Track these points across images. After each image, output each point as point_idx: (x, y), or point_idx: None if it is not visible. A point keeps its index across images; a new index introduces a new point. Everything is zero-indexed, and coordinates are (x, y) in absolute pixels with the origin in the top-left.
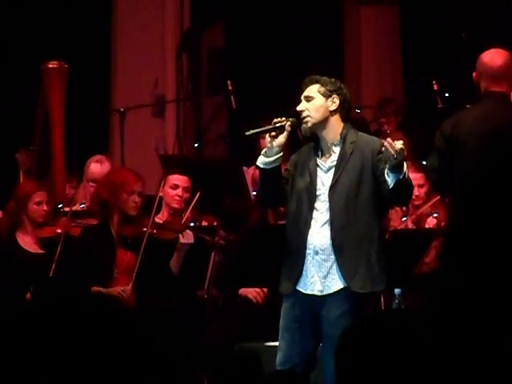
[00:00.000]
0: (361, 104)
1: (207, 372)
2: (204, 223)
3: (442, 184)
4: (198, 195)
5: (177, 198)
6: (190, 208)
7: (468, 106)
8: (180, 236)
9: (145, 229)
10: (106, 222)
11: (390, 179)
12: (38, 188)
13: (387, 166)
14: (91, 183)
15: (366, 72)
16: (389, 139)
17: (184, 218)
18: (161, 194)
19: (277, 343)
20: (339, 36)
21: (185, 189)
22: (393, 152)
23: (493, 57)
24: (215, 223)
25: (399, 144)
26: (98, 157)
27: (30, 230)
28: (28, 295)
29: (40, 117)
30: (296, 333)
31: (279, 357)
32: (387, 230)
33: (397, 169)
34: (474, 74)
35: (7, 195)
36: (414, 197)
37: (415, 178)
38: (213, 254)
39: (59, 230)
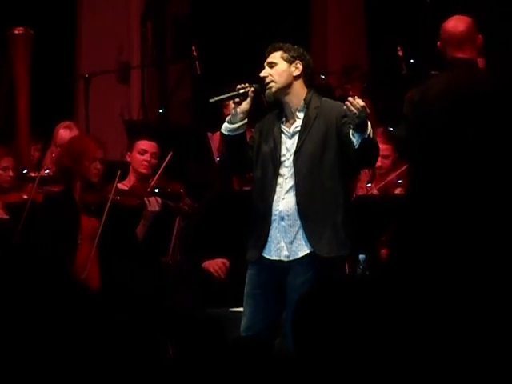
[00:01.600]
0: (326, 70)
1: (171, 338)
2: (168, 189)
3: (410, 152)
4: (168, 157)
5: (144, 163)
6: (159, 174)
7: (433, 72)
8: (147, 203)
9: (108, 195)
10: (69, 188)
11: (355, 139)
12: (5, 153)
13: (351, 125)
14: (59, 148)
15: (331, 38)
16: (350, 98)
17: (150, 185)
18: (128, 159)
19: (241, 309)
20: (305, 2)
21: (153, 154)
22: (355, 110)
23: (455, 23)
24: (181, 190)
25: (360, 101)
26: (67, 123)
27: None
28: None
29: (5, 82)
30: (260, 299)
31: (243, 323)
32: (353, 194)
33: (361, 127)
34: (438, 42)
35: None
36: (378, 165)
37: (381, 148)
38: (177, 220)
39: (25, 196)
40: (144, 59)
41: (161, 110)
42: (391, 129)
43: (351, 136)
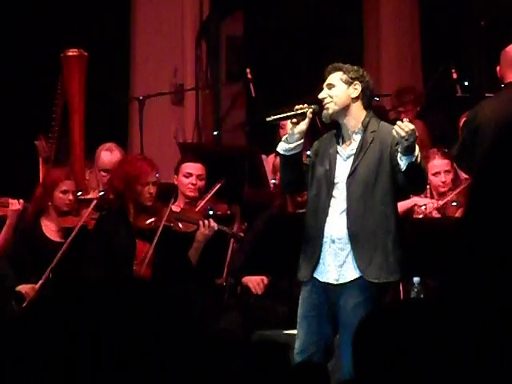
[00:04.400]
0: (380, 92)
1: (225, 360)
2: (218, 212)
3: (462, 169)
4: (217, 187)
5: (191, 186)
6: (208, 198)
7: (488, 95)
8: (201, 225)
9: (161, 222)
10: (123, 210)
11: (402, 162)
12: (67, 177)
13: (399, 148)
14: (102, 172)
15: (385, 60)
16: (399, 122)
17: (198, 207)
18: (175, 182)
19: (295, 331)
20: (359, 24)
21: (198, 176)
22: (403, 133)
23: None
24: (229, 212)
25: (410, 125)
26: (108, 145)
27: (54, 218)
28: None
29: (60, 104)
30: (313, 321)
31: (297, 345)
32: (411, 217)
33: (409, 151)
34: (497, 67)
35: (27, 183)
36: (440, 183)
37: (442, 164)
38: (231, 243)
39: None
40: (198, 81)
41: (215, 132)
42: (446, 150)
43: (399, 159)
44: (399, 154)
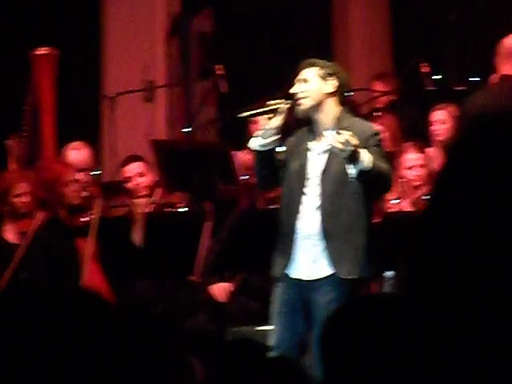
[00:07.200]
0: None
1: (199, 357)
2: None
3: None
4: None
5: (136, 187)
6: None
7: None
8: (133, 206)
9: (96, 212)
10: (55, 216)
11: (352, 172)
12: (21, 179)
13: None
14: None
15: (355, 54)
16: (337, 135)
17: (155, 204)
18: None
19: (268, 327)
20: (328, 19)
21: (137, 175)
22: (340, 146)
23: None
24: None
25: (346, 135)
26: (75, 143)
27: (13, 222)
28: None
29: (30, 103)
30: (287, 317)
31: (272, 341)
32: (382, 212)
33: (353, 160)
34: (494, 59)
35: None
36: (415, 177)
37: (416, 158)
38: (204, 238)
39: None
40: (169, 78)
41: (187, 129)
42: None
43: (347, 169)
44: (346, 164)
